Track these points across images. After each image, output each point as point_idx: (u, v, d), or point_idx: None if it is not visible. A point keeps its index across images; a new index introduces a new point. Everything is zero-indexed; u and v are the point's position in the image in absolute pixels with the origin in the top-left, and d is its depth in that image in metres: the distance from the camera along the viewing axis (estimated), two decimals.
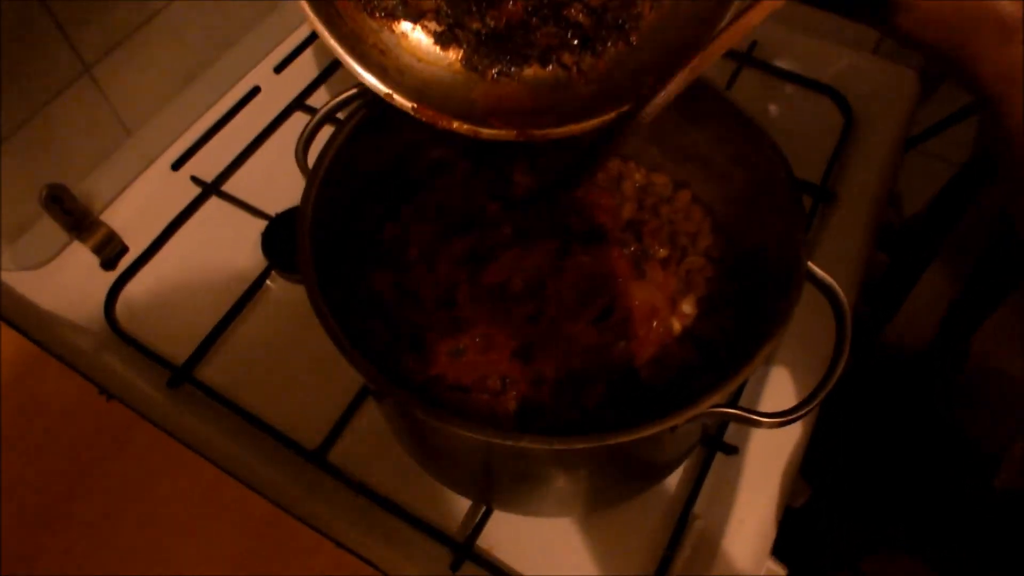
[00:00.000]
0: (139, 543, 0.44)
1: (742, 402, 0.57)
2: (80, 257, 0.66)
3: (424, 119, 0.44)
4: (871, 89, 0.76)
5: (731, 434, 0.56)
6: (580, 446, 0.36)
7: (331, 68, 0.78)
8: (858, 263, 0.65)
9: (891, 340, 0.65)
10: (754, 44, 0.78)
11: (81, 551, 0.44)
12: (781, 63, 0.78)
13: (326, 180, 0.47)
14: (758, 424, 0.40)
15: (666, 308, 0.48)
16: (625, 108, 0.42)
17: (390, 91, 0.44)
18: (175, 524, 0.45)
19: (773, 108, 0.76)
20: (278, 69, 0.78)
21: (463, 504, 0.54)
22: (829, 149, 0.72)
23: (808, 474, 0.63)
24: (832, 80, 0.76)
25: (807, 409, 0.39)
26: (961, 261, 0.60)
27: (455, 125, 0.44)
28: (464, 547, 0.51)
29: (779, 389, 0.59)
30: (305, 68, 0.78)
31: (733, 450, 0.55)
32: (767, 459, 0.55)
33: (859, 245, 0.66)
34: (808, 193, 0.68)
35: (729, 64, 0.77)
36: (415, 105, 0.44)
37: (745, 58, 0.77)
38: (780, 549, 0.60)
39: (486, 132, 0.44)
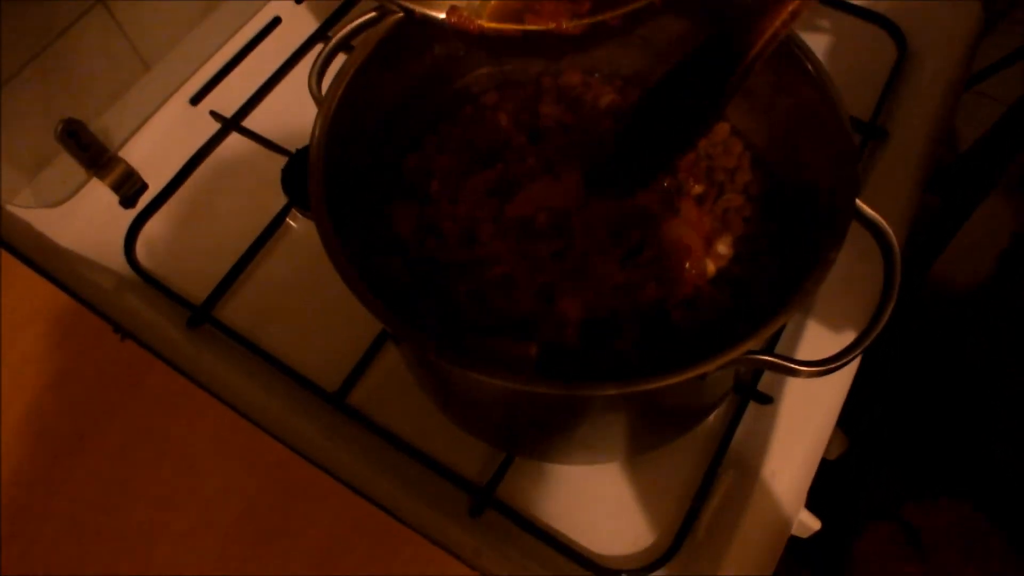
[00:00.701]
0: (151, 483, 0.44)
1: (778, 350, 0.54)
2: (99, 194, 0.64)
3: (456, 26, 0.42)
4: (929, 20, 0.71)
5: (765, 383, 0.54)
6: (601, 393, 0.34)
7: None
8: (908, 204, 0.62)
9: (940, 278, 0.61)
10: None
11: (93, 490, 0.43)
12: None
13: (340, 111, 0.45)
14: (796, 373, 0.37)
15: (700, 248, 0.46)
16: None
17: (416, 6, 0.41)
18: (186, 464, 0.44)
19: (822, 39, 0.71)
20: None
21: (484, 450, 0.52)
22: (881, 84, 0.67)
23: (846, 425, 0.61)
24: (887, 10, 0.71)
25: (849, 358, 0.36)
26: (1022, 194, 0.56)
27: (487, 25, 0.41)
28: (485, 493, 0.50)
29: (818, 336, 0.55)
30: None
31: (767, 399, 0.52)
32: (803, 409, 0.53)
33: (910, 186, 0.62)
34: (857, 130, 0.64)
35: None
36: (446, 16, 0.41)
37: None
38: (815, 502, 0.58)
39: (515, 28, 0.41)
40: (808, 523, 0.57)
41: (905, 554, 0.63)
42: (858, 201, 0.38)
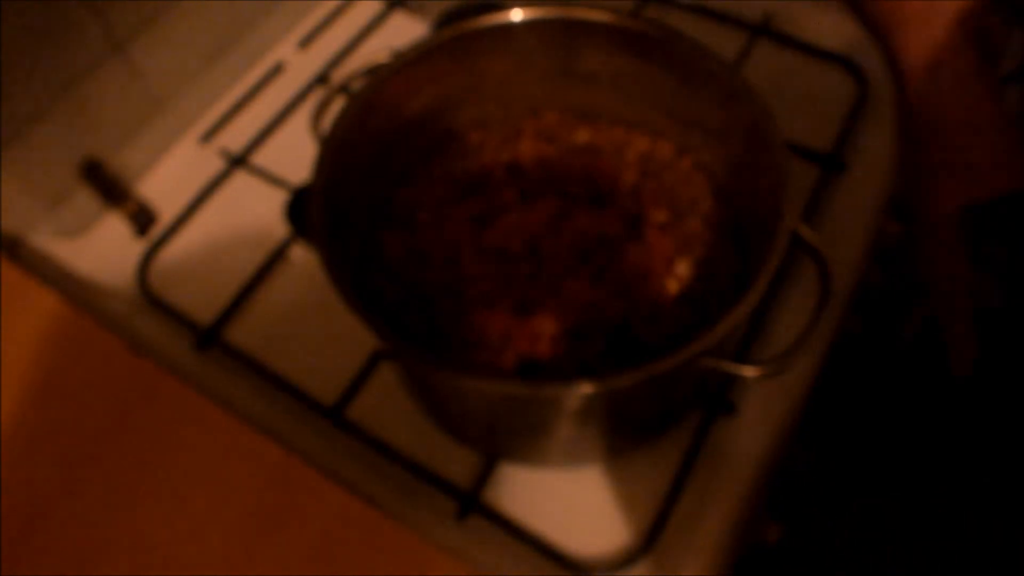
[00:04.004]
0: (162, 485, 0.48)
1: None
2: (114, 226, 0.69)
3: None
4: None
5: (731, 394, 0.58)
6: (561, 392, 0.38)
7: (354, 43, 0.80)
8: (866, 231, 0.66)
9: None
10: (768, 15, 0.79)
11: (107, 493, 0.47)
12: (796, 34, 0.78)
13: (339, 149, 0.49)
14: (741, 374, 0.41)
15: (661, 269, 0.50)
16: None
17: None
18: (195, 467, 0.48)
19: (787, 79, 0.76)
20: (302, 44, 0.80)
21: (471, 458, 0.56)
22: (841, 120, 0.72)
23: (812, 437, 0.65)
24: (847, 50, 0.76)
25: (787, 363, 0.41)
26: None
27: None
28: (470, 498, 0.54)
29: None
30: (329, 43, 0.80)
31: (731, 408, 0.57)
32: (765, 418, 0.57)
33: (868, 214, 0.67)
34: (817, 162, 0.69)
35: (743, 34, 0.77)
36: None
37: (759, 29, 0.78)
38: (784, 511, 0.62)
39: None
40: (773, 528, 0.61)
41: None
42: (795, 223, 0.43)
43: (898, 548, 0.65)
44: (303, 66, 0.79)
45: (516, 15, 0.52)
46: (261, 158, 0.73)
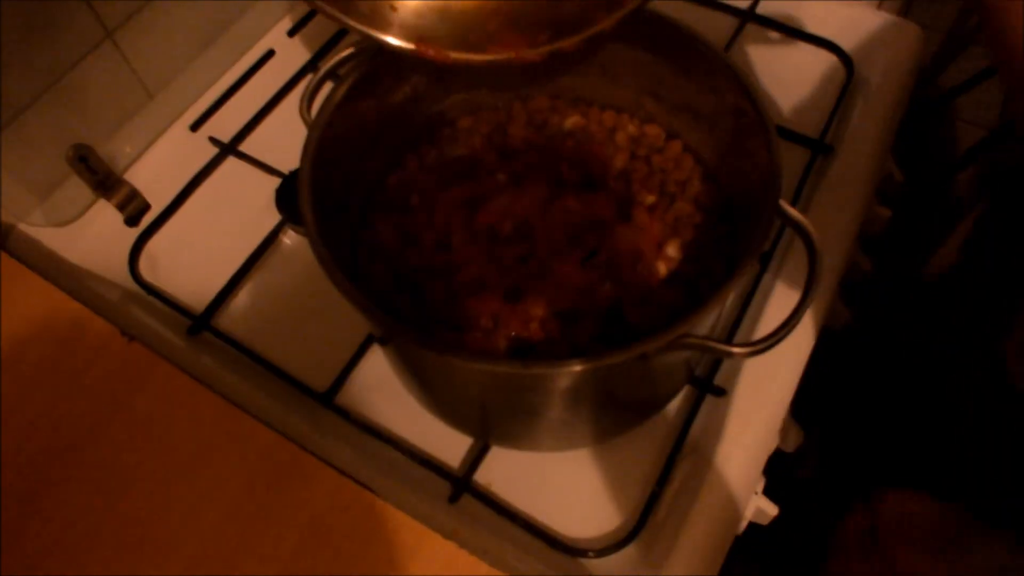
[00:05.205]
0: (156, 470, 0.48)
1: (736, 341, 0.59)
2: (105, 214, 0.69)
3: (425, 57, 0.46)
4: (874, 44, 0.76)
5: (721, 377, 0.58)
6: (554, 371, 0.38)
7: (344, 31, 0.80)
8: (855, 215, 0.67)
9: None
10: (756, 1, 0.79)
11: (100, 480, 0.48)
12: (784, 19, 0.78)
13: (328, 134, 0.49)
14: (729, 355, 0.42)
15: (651, 251, 0.51)
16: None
17: (386, 36, 0.46)
18: (188, 452, 0.48)
19: (775, 64, 0.77)
20: (291, 32, 0.80)
21: (463, 441, 0.56)
22: (830, 105, 0.73)
23: (801, 418, 0.65)
24: (835, 35, 0.77)
25: (776, 339, 0.41)
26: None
27: (452, 56, 0.45)
28: (462, 481, 0.54)
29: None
30: (318, 31, 0.80)
31: (722, 392, 0.57)
32: (754, 401, 0.57)
33: (857, 198, 0.68)
34: (806, 146, 0.69)
35: (732, 21, 0.78)
36: (415, 47, 0.46)
37: (747, 15, 0.78)
38: (776, 491, 0.63)
39: (480, 58, 0.45)
40: (766, 509, 0.61)
41: (865, 552, 0.66)
42: (782, 203, 0.43)
43: None
44: (293, 53, 0.79)
45: None
46: (251, 145, 0.73)
